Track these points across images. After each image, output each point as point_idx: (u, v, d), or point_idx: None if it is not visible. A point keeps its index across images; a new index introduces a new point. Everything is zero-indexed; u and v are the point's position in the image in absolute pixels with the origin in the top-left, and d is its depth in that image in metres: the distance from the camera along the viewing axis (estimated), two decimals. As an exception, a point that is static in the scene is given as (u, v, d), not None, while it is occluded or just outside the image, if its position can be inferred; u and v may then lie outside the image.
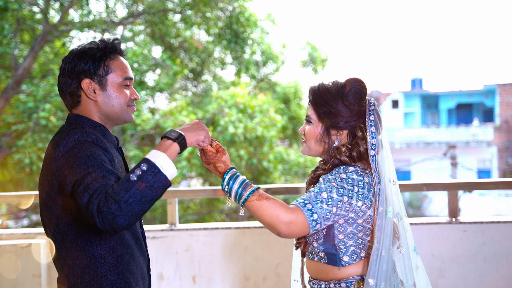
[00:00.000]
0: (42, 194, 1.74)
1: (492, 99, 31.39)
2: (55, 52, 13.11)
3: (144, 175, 1.52)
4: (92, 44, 1.84)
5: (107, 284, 1.71)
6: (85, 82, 1.80)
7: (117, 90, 1.83)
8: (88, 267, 1.70)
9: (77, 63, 1.80)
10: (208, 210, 12.34)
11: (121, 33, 12.81)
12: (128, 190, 1.49)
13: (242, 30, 12.82)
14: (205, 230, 3.47)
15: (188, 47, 13.21)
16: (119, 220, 1.48)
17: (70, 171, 1.61)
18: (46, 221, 1.75)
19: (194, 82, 14.41)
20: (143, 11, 12.36)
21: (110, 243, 1.73)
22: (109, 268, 1.71)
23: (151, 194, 1.52)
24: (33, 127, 9.92)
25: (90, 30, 11.68)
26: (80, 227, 1.70)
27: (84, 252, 1.70)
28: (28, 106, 10.00)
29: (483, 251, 3.31)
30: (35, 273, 3.32)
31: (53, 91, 10.04)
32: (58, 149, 1.67)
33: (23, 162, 9.54)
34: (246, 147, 10.64)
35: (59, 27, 11.50)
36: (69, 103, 1.86)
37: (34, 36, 12.14)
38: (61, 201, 1.68)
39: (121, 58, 1.87)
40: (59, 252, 1.72)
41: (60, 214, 1.69)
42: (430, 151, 26.99)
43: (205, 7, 11.97)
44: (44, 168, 1.73)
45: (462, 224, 3.33)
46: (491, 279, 3.29)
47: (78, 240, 1.70)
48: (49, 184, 1.69)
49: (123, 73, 1.85)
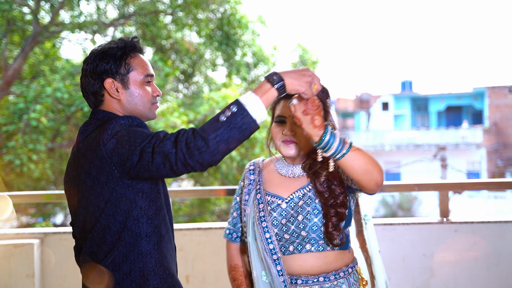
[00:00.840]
0: (85, 184, 1.73)
1: (481, 101, 31.64)
2: (45, 53, 13.08)
3: (233, 117, 1.55)
4: (111, 43, 1.85)
5: (151, 262, 1.73)
6: (107, 81, 1.82)
7: (140, 87, 1.85)
8: (133, 246, 1.71)
9: (99, 63, 1.82)
10: (199, 211, 12.36)
11: (111, 35, 12.80)
12: (216, 129, 1.54)
13: (233, 32, 12.85)
14: (199, 230, 3.49)
15: (179, 48, 13.21)
16: (205, 155, 1.54)
17: (126, 146, 1.63)
18: (90, 209, 1.73)
19: (185, 84, 14.42)
20: (134, 12, 12.35)
21: (156, 222, 1.75)
22: (154, 246, 1.74)
23: (238, 136, 1.56)
24: (24, 128, 9.88)
25: (81, 31, 11.67)
26: (130, 205, 1.70)
27: (131, 232, 1.71)
28: (18, 107, 9.96)
29: (474, 251, 3.35)
30: (28, 273, 3.31)
31: (44, 92, 10.01)
32: (105, 133, 1.68)
33: (14, 163, 9.50)
34: (237, 149, 10.68)
35: (49, 28, 11.47)
36: (92, 103, 1.87)
37: (24, 37, 12.09)
38: (113, 184, 1.68)
39: (141, 55, 1.89)
40: (104, 237, 1.72)
41: (109, 198, 1.69)
42: (420, 153, 27.16)
43: (196, 9, 11.99)
44: (83, 159, 1.73)
45: (453, 224, 3.38)
46: (482, 278, 3.33)
47: (127, 221, 1.71)
48: (98, 169, 1.68)
49: (144, 71, 1.86)
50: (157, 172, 1.60)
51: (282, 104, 1.94)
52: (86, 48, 13.48)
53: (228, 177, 10.86)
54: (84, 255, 1.79)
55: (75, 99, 10.22)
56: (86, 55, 1.91)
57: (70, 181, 1.81)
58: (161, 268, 1.76)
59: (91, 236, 1.74)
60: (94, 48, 1.89)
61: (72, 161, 1.82)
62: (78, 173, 1.75)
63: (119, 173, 1.66)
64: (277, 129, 1.95)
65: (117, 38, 1.91)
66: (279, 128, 1.94)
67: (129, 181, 1.69)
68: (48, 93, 9.92)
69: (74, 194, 1.79)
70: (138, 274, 1.72)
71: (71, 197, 1.82)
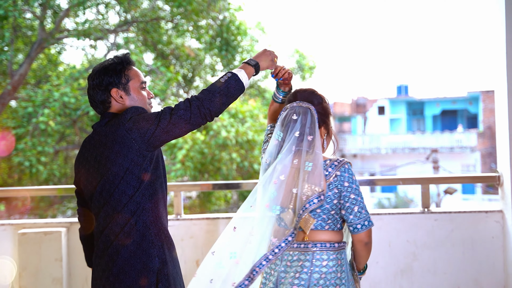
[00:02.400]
0: (108, 158, 2.18)
1: (476, 106, 31.90)
2: (49, 59, 13.42)
3: (229, 80, 2.23)
4: (110, 60, 2.33)
5: (152, 216, 2.21)
6: (113, 91, 2.29)
7: (138, 93, 2.33)
8: (139, 203, 2.19)
9: (104, 78, 2.29)
10: (200, 211, 12.71)
11: (113, 41, 13.11)
12: (219, 87, 2.21)
13: (232, 38, 13.16)
14: (207, 219, 3.90)
15: (179, 54, 13.54)
16: (212, 104, 2.17)
17: (143, 123, 2.16)
18: (111, 178, 2.18)
19: (185, 88, 14.74)
20: (136, 19, 12.68)
21: (155, 186, 2.24)
22: (154, 204, 2.23)
23: (233, 92, 2.23)
24: (32, 131, 10.26)
25: (86, 38, 12.01)
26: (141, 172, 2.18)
27: (139, 193, 2.19)
28: (27, 111, 10.34)
29: (451, 238, 3.76)
30: (57, 257, 3.73)
31: (51, 96, 10.38)
32: (123, 118, 2.19)
33: (23, 164, 9.89)
34: (237, 150, 11.06)
35: (54, 35, 11.82)
36: (101, 110, 2.33)
37: (29, 44, 12.41)
38: (131, 155, 2.15)
39: (134, 67, 2.37)
40: (120, 200, 2.17)
41: (128, 167, 2.16)
42: (415, 156, 27.47)
43: (197, 17, 12.34)
44: (106, 139, 2.20)
45: (433, 214, 3.79)
46: (458, 262, 3.75)
47: (140, 185, 2.18)
48: (120, 144, 2.16)
49: (139, 79, 2.35)
50: (176, 127, 2.15)
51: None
52: (88, 53, 13.84)
53: (228, 178, 11.23)
54: (99, 220, 2.23)
55: (81, 103, 10.60)
56: (88, 60, 2.43)
57: (89, 160, 2.26)
58: (159, 221, 2.24)
59: (108, 201, 2.19)
60: (95, 66, 2.35)
61: (91, 145, 2.27)
62: (101, 151, 2.21)
63: (137, 145, 2.15)
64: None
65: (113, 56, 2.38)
66: None
67: (144, 152, 2.16)
68: (56, 98, 10.30)
69: (95, 169, 2.23)
70: (141, 225, 2.19)
71: (90, 172, 2.26)
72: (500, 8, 3.63)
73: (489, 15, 3.85)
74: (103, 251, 2.20)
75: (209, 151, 10.83)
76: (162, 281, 2.18)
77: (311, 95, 2.39)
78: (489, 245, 3.74)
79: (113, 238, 2.18)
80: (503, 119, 3.65)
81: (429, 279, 3.74)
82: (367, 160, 29.75)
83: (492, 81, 3.81)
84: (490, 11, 3.83)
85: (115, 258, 2.16)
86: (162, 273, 2.19)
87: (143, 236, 2.19)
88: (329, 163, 2.30)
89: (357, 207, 2.24)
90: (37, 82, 13.20)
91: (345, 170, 2.27)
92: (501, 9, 3.61)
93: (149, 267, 2.17)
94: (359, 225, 2.24)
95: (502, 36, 3.58)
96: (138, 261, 2.16)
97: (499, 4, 3.64)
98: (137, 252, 2.17)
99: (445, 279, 3.75)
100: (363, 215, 2.25)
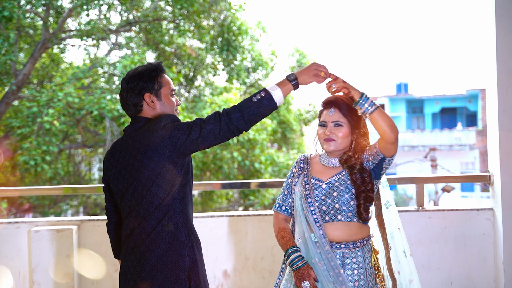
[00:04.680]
0: (141, 163, 2.32)
1: (475, 103, 31.90)
2: (52, 59, 13.55)
3: (262, 99, 2.26)
4: (144, 66, 2.46)
5: (182, 217, 2.35)
6: (146, 95, 2.42)
7: (168, 99, 2.47)
8: (170, 206, 2.33)
9: (138, 82, 2.42)
10: (202, 209, 12.85)
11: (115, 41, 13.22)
12: (249, 107, 2.25)
13: (233, 38, 13.29)
14: (212, 217, 4.08)
15: (181, 54, 13.66)
16: (241, 122, 2.24)
17: (175, 132, 2.27)
18: (143, 181, 2.32)
19: (186, 88, 14.87)
20: (138, 19, 12.80)
21: (185, 190, 2.38)
22: (184, 207, 2.38)
23: (264, 112, 2.28)
24: (37, 130, 10.41)
25: (88, 38, 12.13)
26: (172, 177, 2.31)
27: (170, 196, 2.33)
28: (32, 111, 10.49)
29: (444, 234, 3.93)
30: (68, 254, 3.91)
31: (55, 96, 10.53)
32: (157, 125, 2.31)
33: (28, 163, 10.05)
34: (239, 149, 11.20)
35: (58, 35, 11.96)
36: (132, 112, 2.47)
37: (33, 44, 12.53)
38: (163, 161, 2.29)
39: (165, 75, 2.50)
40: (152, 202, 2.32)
41: (160, 172, 2.30)
42: (414, 154, 27.52)
43: (199, 18, 12.46)
44: (139, 144, 2.34)
45: (427, 212, 3.96)
46: (451, 258, 3.91)
47: (171, 188, 2.32)
48: (152, 151, 2.30)
49: (170, 86, 2.49)
50: (205, 140, 2.26)
51: (324, 113, 2.54)
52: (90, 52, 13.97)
53: (229, 177, 11.38)
54: (130, 219, 2.37)
55: (84, 103, 10.75)
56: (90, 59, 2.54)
57: (121, 162, 2.39)
58: (188, 223, 2.39)
59: (140, 202, 2.33)
60: (130, 71, 2.49)
61: (122, 148, 2.40)
62: (134, 155, 2.34)
63: (169, 152, 2.27)
64: (321, 131, 2.54)
65: (147, 62, 2.53)
66: (322, 130, 2.54)
67: (175, 159, 2.29)
68: (60, 98, 10.45)
69: (127, 171, 2.37)
70: (173, 226, 2.33)
71: (121, 173, 2.40)
72: (490, 7, 3.74)
73: (480, 14, 3.94)
74: (133, 248, 2.34)
75: (210, 150, 10.97)
76: (194, 279, 2.33)
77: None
78: (480, 242, 3.90)
79: (145, 237, 2.32)
80: (493, 118, 3.79)
81: (423, 274, 3.90)
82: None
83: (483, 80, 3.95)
84: (481, 10, 3.95)
85: (147, 255, 2.30)
86: (193, 271, 2.34)
87: (175, 236, 2.33)
88: None
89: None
90: (40, 81, 13.34)
91: None
92: (491, 8, 3.73)
93: (180, 266, 2.31)
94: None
95: (492, 35, 3.70)
96: (170, 260, 2.30)
97: (489, 3, 3.76)
98: (169, 251, 2.31)
99: (439, 274, 3.92)
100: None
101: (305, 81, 2.37)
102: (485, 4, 3.86)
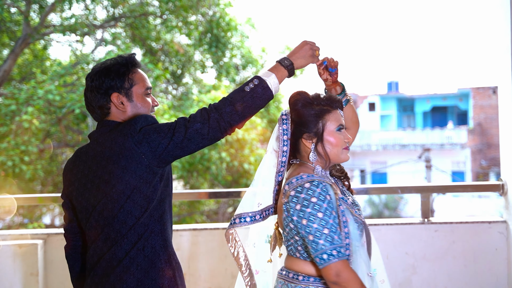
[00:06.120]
0: (113, 174, 1.91)
1: (466, 102, 31.94)
2: (35, 54, 13.14)
3: (255, 88, 1.93)
4: (113, 60, 2.04)
5: (161, 239, 1.98)
6: (114, 95, 2.02)
7: (141, 100, 2.06)
8: (147, 226, 1.95)
9: (105, 80, 2.01)
10: (189, 212, 12.51)
11: (100, 36, 12.87)
12: (243, 97, 1.92)
13: (222, 35, 12.98)
14: (194, 230, 3.68)
15: (168, 50, 13.32)
16: (234, 117, 1.90)
17: (154, 135, 1.90)
18: (115, 196, 1.92)
19: (174, 85, 14.53)
20: (124, 14, 12.45)
21: (165, 206, 2.01)
22: (162, 226, 1.99)
23: (259, 103, 1.94)
24: (16, 129, 9.98)
25: (72, 33, 11.74)
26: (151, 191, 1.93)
27: (147, 214, 1.94)
28: (10, 109, 10.04)
29: (452, 250, 3.57)
30: (32, 272, 3.48)
31: (35, 94, 10.09)
32: (132, 128, 1.92)
33: (6, 164, 9.60)
34: (227, 150, 10.84)
35: (40, 30, 11.54)
36: (99, 115, 2.06)
37: (13, 39, 12.14)
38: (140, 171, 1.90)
39: (139, 70, 2.09)
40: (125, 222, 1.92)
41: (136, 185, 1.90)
42: (406, 153, 27.42)
43: (186, 13, 12.12)
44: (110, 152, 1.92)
45: (433, 224, 3.59)
46: (460, 275, 3.55)
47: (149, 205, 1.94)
48: (127, 159, 1.90)
49: (145, 84, 2.07)
50: (192, 143, 1.89)
51: (338, 114, 2.05)
52: (75, 49, 13.55)
53: (217, 178, 11.01)
54: (97, 243, 1.96)
55: (66, 101, 10.31)
56: (76, 56, 2.11)
57: (87, 175, 1.98)
58: (169, 246, 2.01)
59: (110, 222, 1.93)
60: (96, 65, 2.07)
61: (88, 157, 1.99)
62: (104, 165, 1.94)
63: (148, 160, 1.89)
64: (341, 137, 2.02)
65: (118, 55, 2.09)
66: (341, 136, 2.02)
67: (155, 168, 1.91)
68: (40, 95, 10.00)
69: (94, 185, 1.96)
70: (150, 250, 1.94)
71: (87, 187, 1.99)
72: (504, 4, 3.45)
73: (491, 11, 3.66)
74: (101, 278, 1.94)
75: (198, 150, 10.57)
76: None
77: (289, 100, 2.08)
78: (492, 258, 3.55)
79: (115, 264, 1.93)
80: (507, 120, 3.43)
81: (429, 293, 3.55)
82: (357, 157, 29.59)
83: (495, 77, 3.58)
84: (493, 7, 3.64)
85: (118, 286, 1.91)
86: None
87: (152, 263, 1.94)
88: (287, 180, 1.98)
89: (312, 236, 1.84)
90: (22, 78, 12.91)
91: (301, 191, 1.88)
92: (506, 5, 3.43)
93: None
94: (317, 258, 1.83)
95: (507, 31, 3.39)
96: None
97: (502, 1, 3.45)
98: (145, 281, 1.93)
99: (446, 294, 3.56)
100: (320, 247, 1.81)
101: (301, 65, 2.08)
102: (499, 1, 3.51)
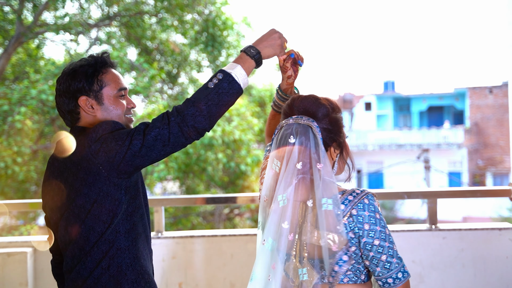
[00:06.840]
0: (72, 187, 1.76)
1: (462, 102, 31.88)
2: (29, 54, 12.95)
3: (220, 83, 1.73)
4: (82, 61, 1.88)
5: (129, 257, 1.80)
6: (81, 99, 1.85)
7: (114, 102, 1.89)
8: (113, 242, 1.77)
9: (71, 83, 1.85)
10: (184, 213, 12.35)
11: (95, 35, 12.71)
12: (207, 95, 1.70)
13: (218, 34, 12.82)
14: (192, 238, 3.51)
15: (164, 49, 13.17)
16: (199, 119, 1.69)
17: (112, 144, 1.71)
18: (76, 211, 1.77)
19: (169, 85, 14.37)
20: (119, 13, 12.28)
21: (134, 219, 1.82)
22: (131, 242, 1.81)
23: (226, 100, 1.73)
24: (8, 130, 9.80)
25: (66, 32, 11.57)
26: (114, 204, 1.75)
27: (112, 229, 1.77)
28: (3, 109, 9.86)
29: (461, 257, 3.42)
30: (21, 281, 3.32)
31: (28, 94, 9.92)
32: (90, 137, 1.74)
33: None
34: (224, 150, 10.68)
35: (33, 29, 11.36)
36: (69, 121, 1.91)
37: (7, 38, 11.96)
38: (100, 184, 1.73)
39: (112, 70, 1.92)
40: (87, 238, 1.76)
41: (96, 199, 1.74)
42: (402, 153, 27.32)
43: (182, 11, 11.96)
44: (70, 163, 1.77)
45: (441, 231, 3.44)
46: (469, 284, 3.40)
47: (112, 220, 1.77)
48: (85, 171, 1.73)
49: (117, 85, 1.90)
50: (152, 151, 1.69)
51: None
52: (70, 48, 13.38)
53: (214, 179, 10.86)
54: (66, 259, 1.82)
55: (60, 101, 10.15)
56: (70, 55, 1.95)
57: (53, 186, 1.83)
58: (138, 264, 1.83)
59: (74, 239, 1.78)
60: (65, 67, 1.91)
61: (55, 168, 1.84)
62: (66, 176, 1.79)
63: (106, 172, 1.72)
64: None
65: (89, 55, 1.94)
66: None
67: (115, 180, 1.74)
68: (33, 95, 9.84)
69: (59, 198, 1.81)
70: (116, 269, 1.78)
71: (54, 200, 1.84)
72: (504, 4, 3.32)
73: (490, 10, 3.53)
74: None
75: (194, 151, 10.43)
76: None
77: (312, 105, 1.77)
78: (503, 266, 3.40)
79: (80, 284, 1.77)
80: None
81: (437, 303, 3.39)
82: (354, 157, 29.40)
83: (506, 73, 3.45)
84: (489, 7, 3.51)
85: None
86: None
87: (118, 284, 1.77)
88: (341, 198, 1.71)
89: (385, 256, 1.69)
90: (15, 78, 12.73)
91: (364, 207, 1.69)
92: (504, 5, 3.29)
93: None
94: (390, 279, 1.71)
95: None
96: None
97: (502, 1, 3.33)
98: None
99: (455, 303, 3.41)
100: (394, 266, 1.70)
101: (269, 54, 1.90)
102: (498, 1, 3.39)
